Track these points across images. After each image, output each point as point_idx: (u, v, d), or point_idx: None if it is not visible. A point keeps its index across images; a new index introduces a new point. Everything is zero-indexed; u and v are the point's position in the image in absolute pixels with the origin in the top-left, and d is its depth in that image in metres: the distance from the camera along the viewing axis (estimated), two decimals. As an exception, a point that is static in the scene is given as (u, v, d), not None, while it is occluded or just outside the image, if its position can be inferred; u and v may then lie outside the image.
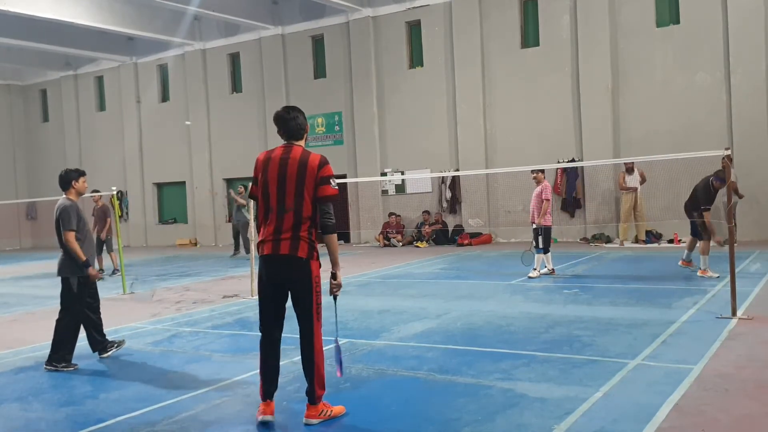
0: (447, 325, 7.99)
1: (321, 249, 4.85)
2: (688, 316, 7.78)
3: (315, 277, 4.78)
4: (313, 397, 4.82)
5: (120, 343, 7.38)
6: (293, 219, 4.70)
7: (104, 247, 15.43)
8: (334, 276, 4.83)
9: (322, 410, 4.84)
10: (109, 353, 7.23)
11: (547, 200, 11.51)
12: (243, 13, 21.22)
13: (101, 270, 15.27)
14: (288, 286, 4.82)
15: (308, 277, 4.75)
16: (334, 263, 4.82)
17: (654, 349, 6.33)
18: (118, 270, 15.56)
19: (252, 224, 11.23)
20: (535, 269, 11.59)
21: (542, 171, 11.91)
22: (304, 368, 4.86)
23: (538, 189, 11.67)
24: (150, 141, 25.72)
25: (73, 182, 7.08)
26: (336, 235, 4.77)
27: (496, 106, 19.15)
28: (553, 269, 11.85)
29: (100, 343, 7.22)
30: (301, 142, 4.94)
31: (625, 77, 17.46)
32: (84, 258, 6.85)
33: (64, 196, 7.10)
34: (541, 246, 11.53)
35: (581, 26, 17.80)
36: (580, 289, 10.25)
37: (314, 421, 4.79)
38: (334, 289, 4.87)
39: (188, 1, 19.42)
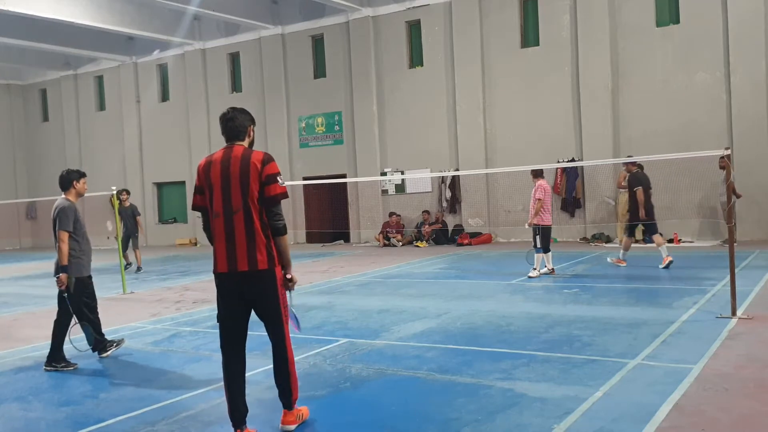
0: (447, 325, 7.99)
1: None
2: (688, 315, 7.78)
3: (280, 284, 4.54)
4: (289, 402, 4.66)
5: (119, 343, 7.38)
6: (244, 222, 4.38)
7: (129, 244, 15.99)
8: (290, 280, 4.57)
9: (297, 414, 4.73)
10: (109, 352, 7.23)
11: (538, 200, 11.48)
12: (243, 13, 21.21)
13: (128, 264, 16.00)
14: (251, 302, 4.55)
15: (274, 287, 4.48)
16: (286, 265, 4.54)
17: (654, 349, 6.33)
18: (141, 267, 16.10)
19: None
20: (535, 269, 11.58)
21: (540, 171, 11.86)
22: (278, 374, 4.67)
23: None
24: (150, 141, 25.72)
25: (74, 182, 7.06)
26: (286, 236, 4.54)
27: (496, 106, 19.14)
28: (552, 269, 11.84)
29: (99, 342, 7.22)
30: (244, 142, 4.61)
31: (625, 77, 17.45)
32: (65, 263, 6.76)
33: (62, 196, 7.07)
34: (539, 245, 11.52)
35: (581, 26, 17.80)
36: (580, 288, 10.24)
37: (292, 427, 4.65)
38: (291, 288, 4.63)
39: (188, 0, 19.42)
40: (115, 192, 13.40)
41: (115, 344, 7.32)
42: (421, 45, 20.29)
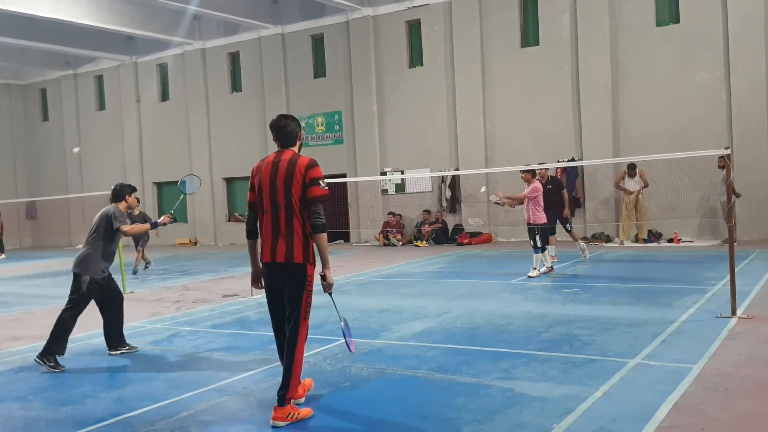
0: (446, 325, 7.99)
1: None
2: (687, 315, 7.78)
3: (309, 281, 4.91)
4: (283, 398, 4.78)
5: (131, 349, 7.39)
6: (285, 219, 4.87)
7: (139, 245, 16.26)
8: (323, 277, 4.98)
9: (290, 413, 4.77)
10: (118, 352, 7.26)
11: (527, 197, 11.47)
12: (243, 13, 21.21)
13: (148, 264, 16.45)
14: (283, 289, 4.98)
15: (302, 281, 4.88)
16: (324, 262, 4.96)
17: (654, 349, 6.33)
18: (142, 265, 16.33)
19: None
20: (535, 268, 11.58)
21: (530, 171, 11.81)
22: (284, 367, 4.87)
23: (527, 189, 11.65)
24: (150, 141, 25.71)
25: (126, 196, 7.66)
26: (326, 234, 4.90)
27: (496, 106, 19.14)
28: (551, 267, 11.84)
29: (115, 339, 7.30)
30: (294, 148, 5.15)
31: (625, 76, 17.45)
32: (153, 222, 8.02)
33: (113, 204, 7.50)
34: (539, 245, 11.51)
35: (581, 25, 17.79)
36: (580, 288, 10.24)
37: (280, 423, 4.71)
38: (327, 289, 5.05)
39: (188, 0, 19.41)
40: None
41: (127, 348, 7.36)
42: (421, 45, 20.29)
